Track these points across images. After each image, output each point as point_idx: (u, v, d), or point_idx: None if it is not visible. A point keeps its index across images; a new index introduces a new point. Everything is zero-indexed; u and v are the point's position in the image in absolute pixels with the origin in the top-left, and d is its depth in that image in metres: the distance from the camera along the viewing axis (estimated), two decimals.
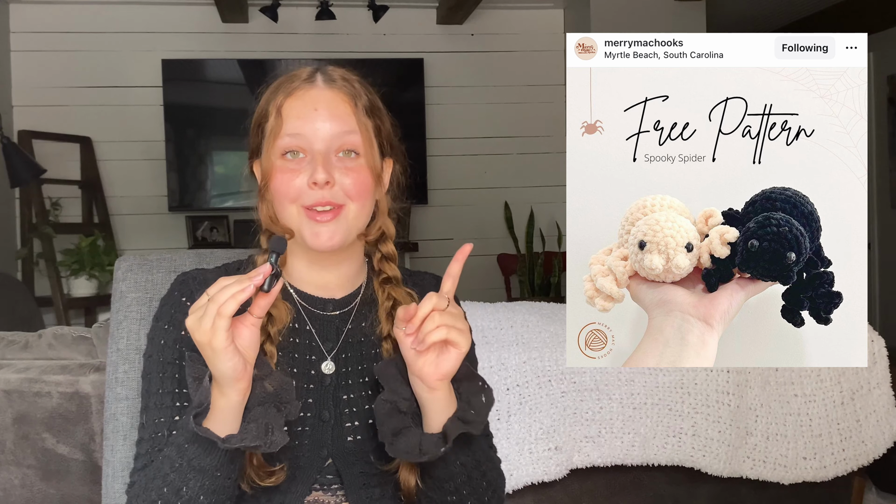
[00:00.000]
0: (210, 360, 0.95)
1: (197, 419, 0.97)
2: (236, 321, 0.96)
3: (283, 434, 0.99)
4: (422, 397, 1.04)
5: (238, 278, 0.94)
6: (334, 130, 1.09)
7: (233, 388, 0.96)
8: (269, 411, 1.00)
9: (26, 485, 1.52)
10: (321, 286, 1.16)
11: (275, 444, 0.98)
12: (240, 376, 0.95)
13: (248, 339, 0.97)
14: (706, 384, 1.62)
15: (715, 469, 1.62)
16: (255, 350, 0.98)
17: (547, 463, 1.55)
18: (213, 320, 0.92)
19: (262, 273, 0.94)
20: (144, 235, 4.95)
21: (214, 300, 0.93)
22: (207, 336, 0.93)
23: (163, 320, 1.12)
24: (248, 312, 0.97)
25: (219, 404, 0.97)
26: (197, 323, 0.93)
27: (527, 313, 1.69)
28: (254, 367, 0.99)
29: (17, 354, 1.62)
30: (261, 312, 0.96)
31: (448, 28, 5.23)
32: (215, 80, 4.98)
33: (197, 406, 0.98)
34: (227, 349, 0.93)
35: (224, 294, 0.92)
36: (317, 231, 1.08)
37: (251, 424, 0.98)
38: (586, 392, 1.59)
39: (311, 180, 1.07)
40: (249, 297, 0.94)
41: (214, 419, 0.97)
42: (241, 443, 0.96)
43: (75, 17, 4.89)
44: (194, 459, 0.98)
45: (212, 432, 0.96)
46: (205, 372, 0.99)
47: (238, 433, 0.97)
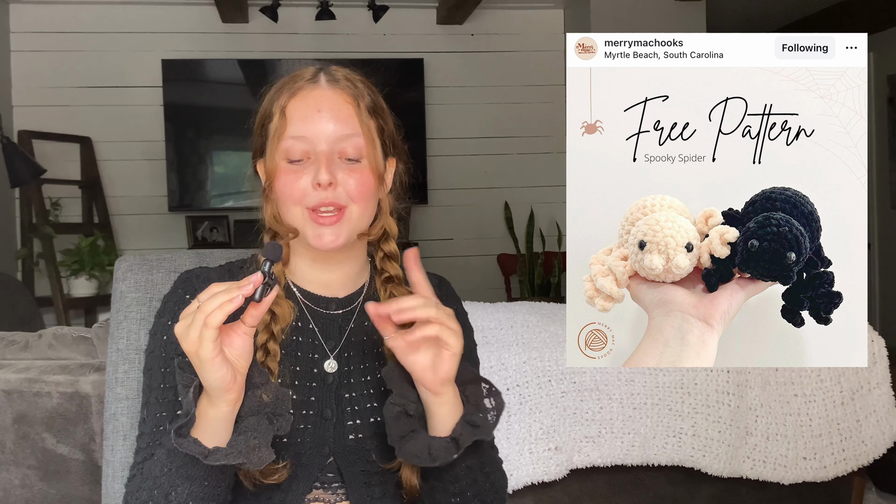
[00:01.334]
0: (198, 370, 0.93)
1: (183, 430, 0.96)
2: (228, 329, 0.95)
3: (269, 451, 0.97)
4: (427, 402, 1.03)
5: (229, 286, 0.92)
6: (338, 132, 1.09)
7: (222, 399, 0.95)
8: (262, 423, 0.99)
9: (26, 485, 1.52)
10: (324, 285, 1.17)
11: (260, 462, 0.97)
12: (229, 387, 0.94)
13: (239, 348, 0.95)
14: (706, 384, 1.62)
15: (715, 469, 1.62)
16: (247, 359, 0.96)
17: (547, 463, 1.55)
18: (200, 330, 0.90)
19: (251, 283, 0.91)
20: (144, 235, 4.95)
21: (202, 309, 0.91)
22: (194, 346, 0.91)
23: (166, 316, 1.12)
24: (241, 321, 0.95)
25: (208, 414, 0.96)
26: (185, 331, 0.92)
27: (527, 313, 1.69)
28: (250, 375, 0.98)
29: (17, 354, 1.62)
30: (253, 322, 0.95)
31: (448, 28, 5.23)
32: (215, 80, 4.98)
33: (182, 416, 0.96)
34: (215, 360, 0.92)
35: (211, 304, 0.90)
36: (320, 233, 1.08)
37: (240, 437, 0.97)
38: (586, 392, 1.59)
39: (315, 181, 1.07)
40: (242, 306, 0.92)
41: (203, 429, 0.96)
42: (226, 459, 0.95)
43: (75, 17, 4.89)
44: (182, 467, 0.97)
45: (196, 446, 0.94)
46: (192, 380, 0.97)
47: (224, 448, 0.96)
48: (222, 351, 0.93)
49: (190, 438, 0.95)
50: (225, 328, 0.94)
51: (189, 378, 0.98)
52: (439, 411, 1.02)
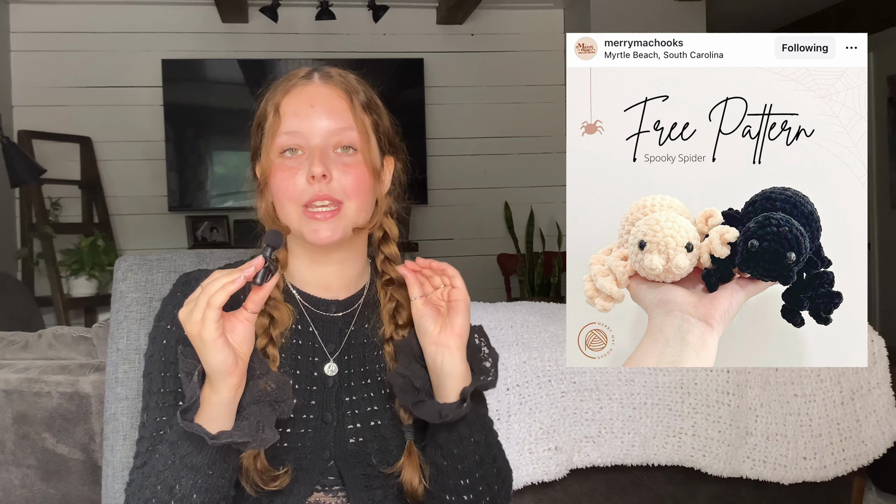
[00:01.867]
0: (200, 353, 0.95)
1: (187, 415, 0.96)
2: (230, 315, 0.96)
3: (273, 432, 0.98)
4: (441, 366, 1.06)
5: (231, 270, 0.95)
6: (331, 126, 1.09)
7: (223, 383, 0.96)
8: (263, 409, 0.99)
9: (26, 485, 1.51)
10: (324, 287, 1.16)
11: (265, 442, 0.98)
12: (230, 370, 0.95)
13: (241, 333, 0.96)
14: (706, 384, 1.62)
15: (715, 469, 1.62)
16: (248, 345, 0.98)
17: (547, 463, 1.55)
18: (203, 311, 0.92)
19: (253, 265, 0.94)
20: (144, 235, 4.95)
21: (205, 291, 0.93)
22: (197, 327, 0.93)
23: (165, 320, 1.12)
24: (243, 307, 0.97)
25: (210, 400, 0.97)
26: (188, 314, 0.94)
27: (527, 313, 1.69)
28: (251, 365, 0.99)
29: (17, 354, 1.62)
30: (255, 307, 0.96)
31: (448, 28, 5.23)
32: (215, 80, 4.98)
33: (186, 401, 0.97)
34: (217, 341, 0.93)
35: (214, 285, 0.93)
36: (316, 228, 1.08)
37: (244, 422, 0.98)
38: (586, 392, 1.59)
39: (309, 174, 1.07)
40: (245, 290, 0.94)
41: (206, 415, 0.97)
42: (231, 438, 0.95)
43: (75, 17, 4.89)
44: (186, 457, 0.97)
45: (201, 428, 0.95)
46: (195, 366, 0.98)
47: (228, 430, 0.97)
48: (224, 334, 0.94)
49: (191, 423, 0.96)
50: (227, 315, 0.95)
51: (192, 364, 0.99)
52: (454, 373, 1.06)
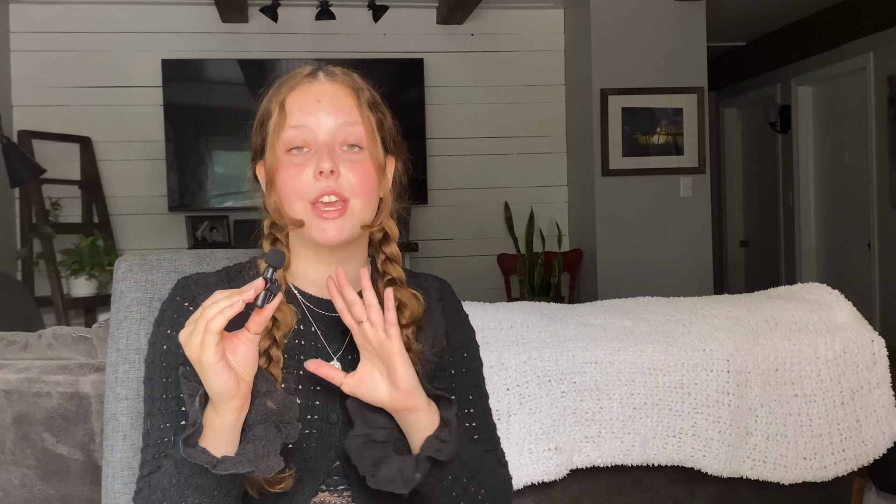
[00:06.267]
0: (202, 376, 0.93)
1: (191, 439, 0.95)
2: (232, 336, 0.94)
3: (278, 459, 0.97)
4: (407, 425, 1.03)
5: (231, 293, 0.92)
6: (338, 122, 1.09)
7: (226, 407, 0.94)
8: (270, 431, 0.98)
9: (26, 485, 1.51)
10: (326, 287, 1.16)
11: (270, 469, 0.96)
12: (232, 394, 0.94)
13: (244, 355, 0.95)
14: (706, 384, 1.62)
15: (715, 469, 1.62)
16: (251, 367, 0.96)
17: (547, 463, 1.55)
18: (202, 336, 0.91)
19: (253, 288, 0.92)
20: (144, 235, 4.95)
21: (204, 315, 0.91)
22: (196, 351, 0.91)
23: (164, 325, 1.10)
24: (245, 328, 0.95)
25: (214, 423, 0.95)
26: (188, 338, 0.92)
27: (527, 313, 1.69)
28: (256, 383, 0.98)
29: (16, 354, 1.62)
30: (257, 329, 0.95)
31: (448, 28, 5.23)
32: (215, 80, 4.98)
33: (189, 426, 0.96)
34: (217, 366, 0.92)
35: (213, 309, 0.91)
36: (323, 227, 1.07)
37: (249, 445, 0.96)
38: (586, 392, 1.59)
39: (317, 170, 1.06)
40: (247, 311, 0.92)
41: (210, 438, 0.95)
42: (234, 468, 0.94)
43: (75, 17, 4.89)
44: (191, 477, 0.97)
45: (204, 455, 0.94)
46: (198, 389, 0.97)
47: (232, 457, 0.95)
48: (224, 357, 0.93)
49: (198, 448, 0.94)
50: (229, 336, 0.94)
51: (194, 387, 0.97)
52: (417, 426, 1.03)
